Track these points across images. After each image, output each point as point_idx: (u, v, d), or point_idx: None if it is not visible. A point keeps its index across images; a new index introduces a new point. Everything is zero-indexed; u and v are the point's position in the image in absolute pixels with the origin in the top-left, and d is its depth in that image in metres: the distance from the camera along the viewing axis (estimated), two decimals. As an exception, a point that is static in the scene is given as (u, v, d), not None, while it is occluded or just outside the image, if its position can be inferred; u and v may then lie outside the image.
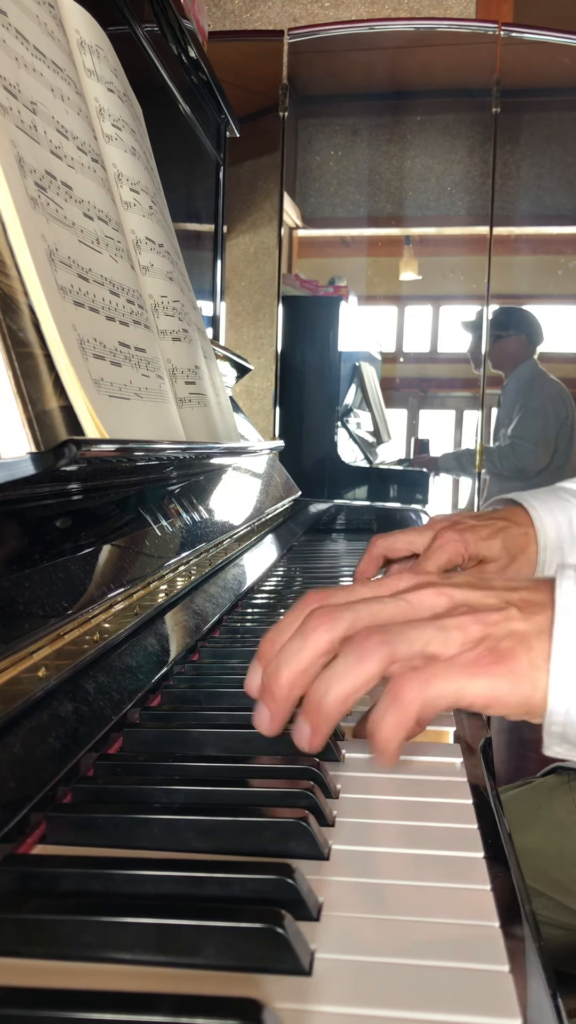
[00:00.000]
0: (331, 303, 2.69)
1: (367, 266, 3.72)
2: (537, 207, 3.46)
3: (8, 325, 0.49)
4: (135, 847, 0.37)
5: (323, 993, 0.28)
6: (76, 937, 0.30)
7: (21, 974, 0.29)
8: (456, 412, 4.00)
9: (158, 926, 0.30)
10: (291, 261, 3.51)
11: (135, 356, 0.70)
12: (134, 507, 0.72)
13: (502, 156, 3.26)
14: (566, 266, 3.60)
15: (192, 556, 0.79)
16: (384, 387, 3.39)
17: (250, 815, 0.38)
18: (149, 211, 0.86)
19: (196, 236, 1.51)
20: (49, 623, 0.48)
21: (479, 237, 3.25)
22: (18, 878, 0.33)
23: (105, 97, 0.81)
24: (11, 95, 0.58)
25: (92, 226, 0.68)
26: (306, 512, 1.64)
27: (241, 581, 0.93)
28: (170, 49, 1.24)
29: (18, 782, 0.38)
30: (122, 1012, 0.25)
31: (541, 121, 3.44)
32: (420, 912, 0.33)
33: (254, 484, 1.25)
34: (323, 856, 0.38)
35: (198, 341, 0.96)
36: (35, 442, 0.47)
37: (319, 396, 2.65)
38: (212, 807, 0.39)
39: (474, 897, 0.35)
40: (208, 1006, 0.25)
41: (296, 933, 0.30)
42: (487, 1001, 0.28)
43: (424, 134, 3.47)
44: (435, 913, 0.34)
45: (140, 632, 0.61)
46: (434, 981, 0.29)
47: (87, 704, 0.48)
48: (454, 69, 3.18)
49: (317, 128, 3.51)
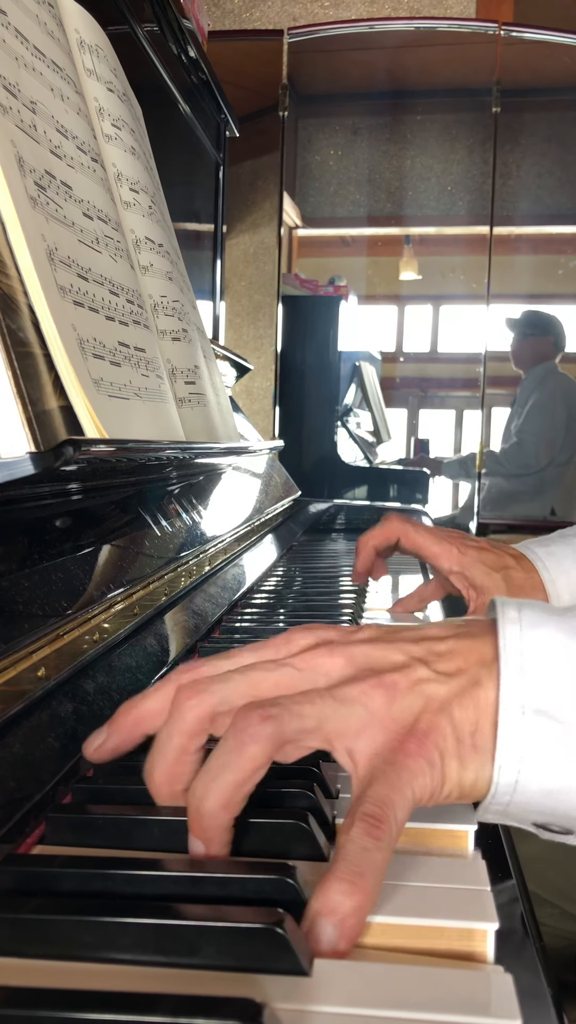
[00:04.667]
0: (331, 303, 2.69)
1: (367, 266, 3.72)
2: (537, 207, 3.47)
3: (8, 325, 0.49)
4: (135, 847, 0.37)
5: (323, 993, 0.28)
6: (76, 937, 0.30)
7: (21, 974, 0.29)
8: (456, 412, 4.00)
9: (158, 926, 0.30)
10: (291, 261, 3.51)
11: (135, 356, 0.70)
12: (134, 507, 0.72)
13: (502, 156, 3.26)
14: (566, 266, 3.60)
15: (192, 556, 0.79)
16: (384, 387, 3.39)
17: (250, 815, 0.38)
18: (149, 211, 0.86)
19: (196, 236, 1.51)
20: (49, 623, 0.48)
21: (479, 237, 3.25)
22: (18, 878, 0.33)
23: (105, 97, 0.81)
24: (11, 94, 0.58)
25: (92, 226, 0.68)
26: (306, 512, 1.64)
27: (241, 581, 0.93)
28: (170, 49, 1.24)
29: (17, 782, 0.38)
30: (122, 1012, 0.25)
31: (541, 121, 3.44)
32: (420, 912, 0.33)
33: (254, 484, 1.25)
34: (323, 857, 0.37)
35: (198, 341, 0.96)
36: (35, 442, 0.47)
37: (319, 396, 2.65)
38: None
39: (474, 897, 0.35)
40: (208, 1006, 0.25)
41: (296, 933, 0.30)
42: (488, 1002, 0.28)
43: (424, 134, 3.47)
44: (435, 913, 0.34)
45: (140, 632, 0.61)
46: (435, 981, 0.29)
47: (87, 704, 0.48)
48: (454, 68, 3.19)
49: (317, 128, 3.51)
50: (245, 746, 0.34)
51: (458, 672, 0.37)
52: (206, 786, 0.34)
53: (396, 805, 0.33)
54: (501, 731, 0.35)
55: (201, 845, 0.35)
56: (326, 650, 0.38)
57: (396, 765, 0.35)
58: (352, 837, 0.32)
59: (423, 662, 0.38)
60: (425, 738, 0.35)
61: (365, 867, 0.31)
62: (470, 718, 0.36)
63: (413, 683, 0.37)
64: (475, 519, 3.03)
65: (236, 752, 0.34)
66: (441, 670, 0.37)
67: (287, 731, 0.35)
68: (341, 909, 0.30)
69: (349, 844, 0.32)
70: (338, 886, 0.31)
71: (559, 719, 0.35)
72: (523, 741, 0.35)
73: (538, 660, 0.36)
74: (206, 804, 0.34)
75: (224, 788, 0.34)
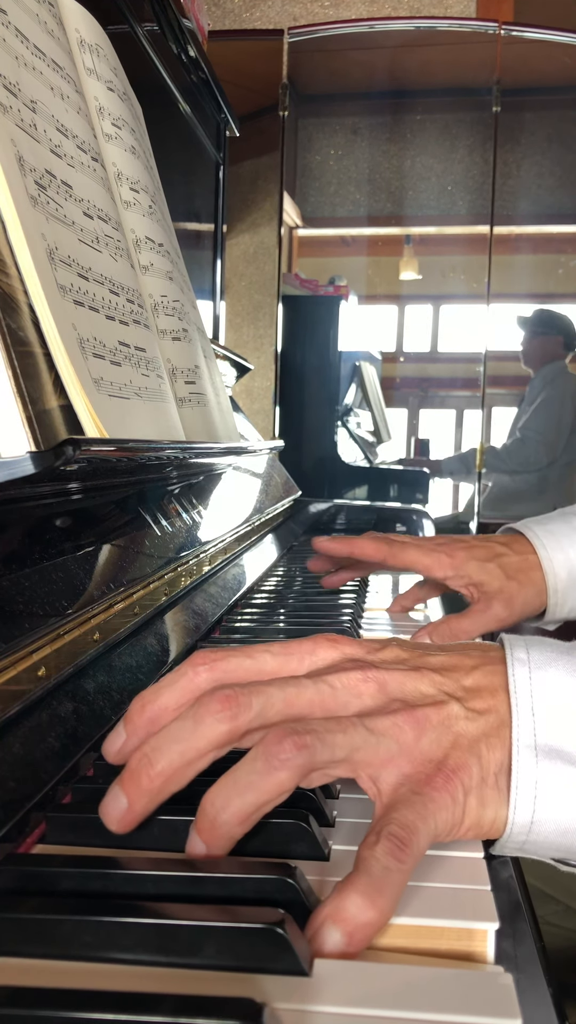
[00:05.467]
0: (331, 303, 2.69)
1: (367, 266, 3.72)
2: (537, 206, 3.46)
3: (8, 324, 0.49)
4: (135, 847, 0.37)
5: (323, 993, 0.28)
6: (76, 937, 0.30)
7: (21, 974, 0.29)
8: (456, 412, 4.00)
9: (158, 926, 0.30)
10: (291, 260, 3.51)
11: (135, 355, 0.70)
12: (134, 507, 0.72)
13: (502, 155, 3.26)
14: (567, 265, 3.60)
15: (192, 556, 0.79)
16: (384, 387, 3.39)
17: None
18: (149, 210, 0.86)
19: (196, 236, 1.51)
20: (49, 623, 0.48)
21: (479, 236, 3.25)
22: (18, 878, 0.33)
23: (105, 96, 0.81)
24: (11, 94, 0.58)
25: (92, 225, 0.68)
26: (306, 512, 1.64)
27: (241, 581, 0.93)
28: (170, 48, 1.24)
29: (18, 782, 0.38)
30: (122, 1012, 0.25)
31: (541, 120, 3.43)
32: (420, 912, 0.33)
33: (254, 484, 1.25)
34: (323, 856, 0.37)
35: (198, 341, 0.96)
36: (35, 441, 0.47)
37: (319, 396, 2.65)
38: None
39: (475, 897, 0.35)
40: (208, 1006, 0.25)
41: (296, 933, 0.30)
42: (488, 1001, 0.28)
43: (424, 133, 3.46)
44: (435, 913, 0.33)
45: (140, 632, 0.61)
46: (435, 981, 0.29)
47: (87, 704, 0.48)
48: (454, 68, 3.18)
49: (317, 127, 3.51)
50: (275, 771, 0.34)
51: (487, 711, 0.38)
52: (228, 799, 0.34)
53: (420, 832, 0.34)
54: (515, 771, 0.36)
55: (203, 847, 0.34)
56: (360, 674, 0.38)
57: (423, 796, 0.35)
58: (376, 854, 0.32)
59: (454, 698, 0.38)
60: (453, 775, 0.36)
61: (385, 887, 0.31)
62: (496, 758, 0.37)
63: (444, 719, 0.37)
64: (476, 519, 3.03)
65: (265, 775, 0.34)
66: (471, 707, 0.38)
67: (318, 761, 0.34)
68: (354, 921, 0.30)
69: (372, 860, 0.32)
70: (356, 898, 0.31)
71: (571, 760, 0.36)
72: (536, 781, 0.36)
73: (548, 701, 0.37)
74: (223, 816, 0.34)
75: (245, 806, 0.34)
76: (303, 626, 0.79)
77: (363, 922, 0.30)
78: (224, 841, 0.34)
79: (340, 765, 0.36)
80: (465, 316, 3.58)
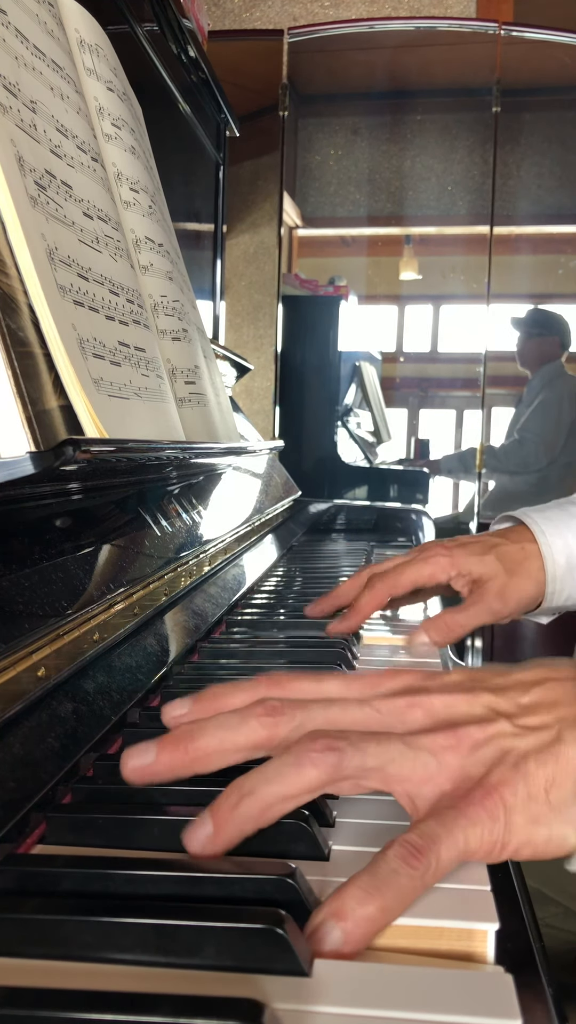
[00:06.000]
0: (331, 303, 2.69)
1: (367, 266, 3.72)
2: (537, 206, 3.46)
3: (8, 324, 0.49)
4: (135, 847, 0.37)
5: (323, 993, 0.28)
6: (76, 937, 0.30)
7: (21, 974, 0.29)
8: (456, 412, 4.00)
9: (158, 926, 0.30)
10: (291, 261, 3.51)
11: (135, 356, 0.70)
12: (134, 507, 0.72)
13: (502, 156, 3.26)
14: (566, 265, 3.59)
15: (192, 556, 0.79)
16: (384, 387, 3.39)
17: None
18: (149, 210, 0.86)
19: (196, 236, 1.51)
20: (49, 623, 0.48)
21: (479, 236, 3.25)
22: (18, 878, 0.33)
23: (105, 96, 0.81)
24: (11, 94, 0.58)
25: (92, 225, 0.68)
26: (306, 512, 1.64)
27: (241, 581, 0.93)
28: (170, 48, 1.24)
29: (18, 782, 0.38)
30: (122, 1012, 0.25)
31: (541, 120, 3.43)
32: (420, 913, 0.33)
33: (254, 484, 1.25)
34: (323, 856, 0.37)
35: (197, 341, 0.96)
36: (35, 441, 0.47)
37: (319, 396, 2.65)
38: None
39: (475, 898, 0.35)
40: (208, 1006, 0.25)
41: (296, 933, 0.30)
42: (488, 1002, 0.28)
43: (424, 134, 3.46)
44: (435, 914, 0.33)
45: (140, 632, 0.61)
46: (435, 982, 0.29)
47: (87, 704, 0.48)
48: (454, 68, 3.18)
49: (317, 128, 3.50)
50: (304, 767, 0.34)
51: (541, 727, 0.37)
52: (255, 785, 0.34)
53: (442, 843, 0.33)
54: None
55: (210, 830, 0.34)
56: (407, 699, 0.38)
57: (456, 809, 0.34)
58: (385, 857, 0.32)
59: (506, 716, 0.37)
60: (493, 790, 0.35)
61: (386, 885, 0.31)
62: (547, 774, 0.35)
63: (489, 736, 0.36)
64: (476, 519, 3.02)
65: (294, 768, 0.34)
66: (523, 724, 0.37)
67: (347, 766, 0.35)
68: (351, 915, 0.30)
69: (380, 862, 0.32)
70: (354, 892, 0.31)
71: None
72: None
73: None
74: (249, 800, 0.34)
75: (270, 795, 0.34)
76: (303, 626, 0.79)
77: (361, 917, 0.31)
78: (235, 829, 0.34)
79: (372, 775, 0.35)
80: (465, 316, 3.58)
